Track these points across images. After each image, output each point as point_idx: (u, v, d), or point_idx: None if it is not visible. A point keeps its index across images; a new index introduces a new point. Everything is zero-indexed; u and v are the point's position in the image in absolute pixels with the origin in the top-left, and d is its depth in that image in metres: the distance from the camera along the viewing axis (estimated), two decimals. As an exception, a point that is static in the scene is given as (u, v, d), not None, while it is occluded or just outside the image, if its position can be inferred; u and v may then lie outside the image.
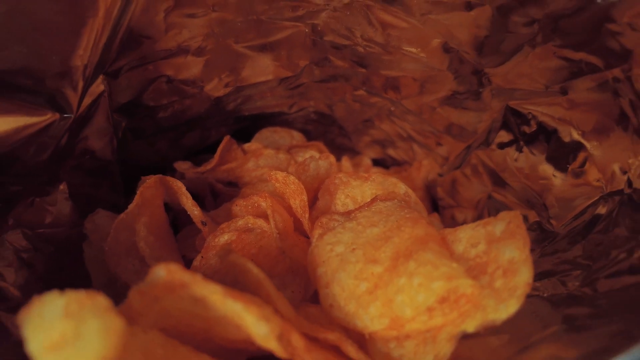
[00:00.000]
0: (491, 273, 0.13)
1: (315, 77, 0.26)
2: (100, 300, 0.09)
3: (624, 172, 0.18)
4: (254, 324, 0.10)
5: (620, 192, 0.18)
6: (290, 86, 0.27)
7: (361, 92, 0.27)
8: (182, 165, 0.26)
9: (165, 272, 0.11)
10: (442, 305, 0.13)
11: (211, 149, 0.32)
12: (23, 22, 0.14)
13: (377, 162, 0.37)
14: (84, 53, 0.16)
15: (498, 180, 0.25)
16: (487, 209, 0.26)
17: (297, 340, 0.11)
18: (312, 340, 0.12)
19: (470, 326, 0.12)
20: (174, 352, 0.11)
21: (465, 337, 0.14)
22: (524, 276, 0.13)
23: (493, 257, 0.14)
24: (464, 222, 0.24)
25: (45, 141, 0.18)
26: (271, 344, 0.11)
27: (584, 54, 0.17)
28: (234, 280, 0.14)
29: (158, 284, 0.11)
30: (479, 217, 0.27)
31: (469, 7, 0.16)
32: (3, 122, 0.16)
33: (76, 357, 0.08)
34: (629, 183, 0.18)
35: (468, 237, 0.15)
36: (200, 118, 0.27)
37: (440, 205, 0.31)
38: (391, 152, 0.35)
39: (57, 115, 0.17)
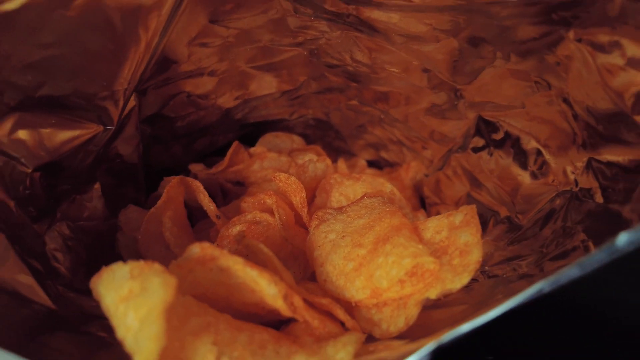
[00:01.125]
0: (450, 253, 0.17)
1: (313, 89, 0.30)
2: (157, 265, 0.14)
3: (572, 173, 0.22)
4: (266, 286, 0.14)
5: (570, 190, 0.22)
6: (291, 97, 0.31)
7: (354, 102, 0.31)
8: (195, 167, 0.31)
9: (199, 249, 0.15)
10: (411, 278, 0.17)
11: (219, 152, 0.36)
12: (80, 59, 0.18)
13: (372, 164, 0.41)
14: (125, 79, 0.20)
15: (474, 181, 0.29)
16: (466, 206, 0.30)
17: (298, 301, 0.15)
18: (309, 304, 0.16)
19: (433, 294, 0.16)
20: (205, 311, 0.15)
21: (436, 307, 0.18)
22: (475, 255, 0.17)
23: (452, 241, 0.18)
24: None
25: (90, 149, 0.22)
26: (278, 303, 0.15)
27: (534, 76, 0.21)
28: (246, 262, 0.18)
29: (193, 258, 0.15)
30: (459, 213, 0.30)
31: (438, 40, 0.21)
32: (60, 134, 0.20)
33: (145, 304, 0.12)
34: (576, 182, 0.22)
35: (434, 226, 0.19)
36: (212, 126, 0.31)
37: (427, 203, 0.35)
38: (384, 154, 0.39)
39: (101, 128, 0.21)
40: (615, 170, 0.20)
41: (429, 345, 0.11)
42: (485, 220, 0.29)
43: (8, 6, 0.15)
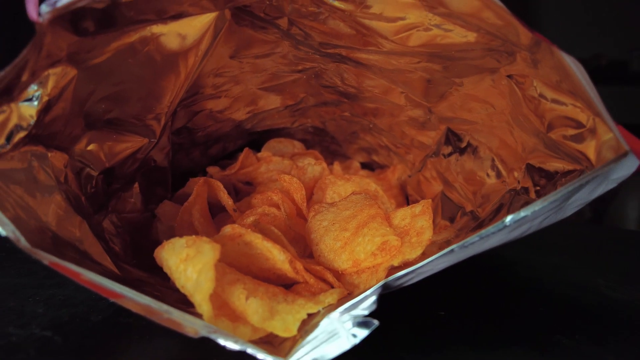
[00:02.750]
0: (410, 234, 0.25)
1: (311, 103, 0.38)
2: (205, 237, 0.22)
3: (516, 175, 0.30)
4: (277, 254, 0.23)
5: (515, 188, 0.30)
6: (293, 110, 0.39)
7: (347, 113, 0.39)
8: (212, 170, 0.39)
9: (231, 229, 0.23)
10: (381, 252, 0.25)
11: (229, 156, 0.45)
12: (137, 91, 0.26)
13: (365, 165, 0.49)
14: (167, 104, 0.28)
15: (446, 181, 0.37)
16: (440, 202, 0.38)
17: (300, 266, 0.23)
18: (307, 270, 0.25)
19: (396, 262, 0.24)
20: (234, 271, 0.23)
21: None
22: (427, 235, 0.25)
23: (412, 225, 0.26)
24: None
25: (137, 157, 0.30)
26: (285, 266, 0.23)
27: (484, 100, 0.29)
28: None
29: (226, 235, 0.23)
30: (435, 208, 0.38)
31: (409, 72, 0.29)
32: (118, 146, 0.28)
33: (200, 261, 0.20)
34: (519, 182, 0.30)
35: (401, 215, 0.27)
36: (225, 135, 0.39)
37: (410, 200, 0.43)
38: (375, 157, 0.47)
39: (147, 140, 0.30)
40: (543, 173, 0.27)
41: (380, 284, 0.19)
42: (454, 213, 0.36)
43: (97, 60, 0.23)
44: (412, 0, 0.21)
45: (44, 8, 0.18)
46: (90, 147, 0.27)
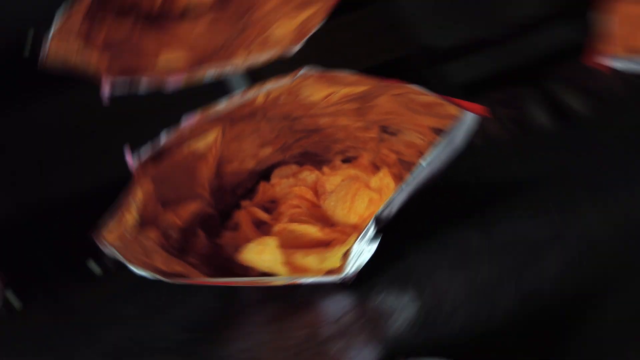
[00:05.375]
0: (383, 190, 0.42)
1: (291, 141, 0.56)
2: (266, 237, 0.38)
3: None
4: (311, 229, 0.39)
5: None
6: (282, 150, 0.56)
7: (317, 139, 0.57)
8: (245, 203, 0.55)
9: (278, 227, 0.39)
10: (371, 205, 0.41)
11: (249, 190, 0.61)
12: (185, 180, 0.43)
13: (344, 161, 0.66)
14: (207, 178, 0.45)
15: (396, 152, 0.54)
16: (400, 165, 0.55)
17: (327, 230, 0.40)
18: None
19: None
20: (290, 249, 0.39)
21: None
22: (392, 187, 0.42)
23: (382, 184, 0.43)
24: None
25: (197, 213, 0.46)
26: (318, 234, 0.39)
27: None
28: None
29: (276, 231, 0.39)
30: (399, 170, 0.56)
31: (342, 109, 0.47)
32: (184, 211, 0.45)
33: (264, 251, 0.37)
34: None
35: (374, 181, 0.43)
36: (243, 180, 0.56)
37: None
38: (348, 154, 0.62)
39: (199, 201, 0.46)
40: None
41: (373, 217, 0.35)
42: (411, 167, 0.54)
43: (158, 171, 0.40)
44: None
45: (135, 160, 0.36)
46: (168, 217, 0.43)
